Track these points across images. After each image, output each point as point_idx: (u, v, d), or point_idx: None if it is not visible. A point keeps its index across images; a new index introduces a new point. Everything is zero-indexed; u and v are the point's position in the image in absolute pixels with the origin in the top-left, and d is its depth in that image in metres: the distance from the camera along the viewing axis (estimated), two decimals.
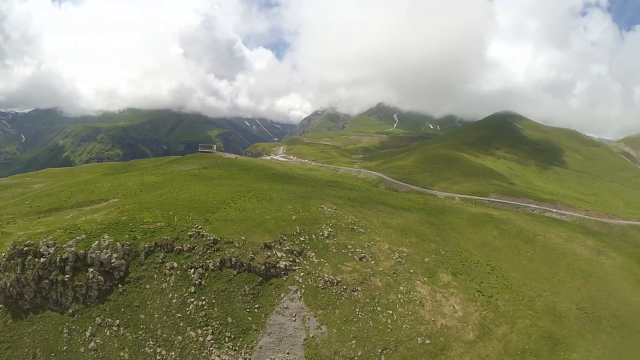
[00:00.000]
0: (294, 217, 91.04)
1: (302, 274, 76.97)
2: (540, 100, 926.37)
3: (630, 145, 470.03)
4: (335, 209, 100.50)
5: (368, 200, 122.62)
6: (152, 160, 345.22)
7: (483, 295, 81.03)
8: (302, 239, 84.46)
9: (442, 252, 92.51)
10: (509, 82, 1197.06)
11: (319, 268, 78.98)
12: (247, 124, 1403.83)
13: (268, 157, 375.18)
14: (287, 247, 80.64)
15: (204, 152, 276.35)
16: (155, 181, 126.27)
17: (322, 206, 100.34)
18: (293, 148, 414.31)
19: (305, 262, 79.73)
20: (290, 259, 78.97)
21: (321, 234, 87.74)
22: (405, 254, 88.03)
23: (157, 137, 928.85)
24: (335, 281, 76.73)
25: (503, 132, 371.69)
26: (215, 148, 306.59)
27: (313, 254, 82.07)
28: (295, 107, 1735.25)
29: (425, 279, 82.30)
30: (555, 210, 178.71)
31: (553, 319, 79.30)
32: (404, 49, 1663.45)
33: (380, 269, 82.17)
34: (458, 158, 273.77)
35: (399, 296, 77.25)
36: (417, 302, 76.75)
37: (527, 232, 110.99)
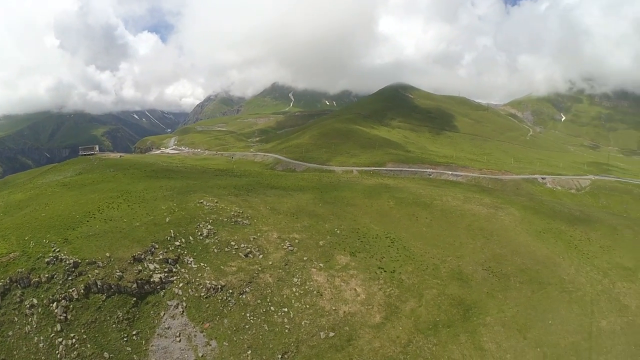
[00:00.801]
0: (168, 219, 78.83)
1: (181, 284, 66.23)
2: (430, 71, 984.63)
3: (516, 107, 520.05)
4: (217, 202, 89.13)
5: (257, 186, 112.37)
6: (30, 172, 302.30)
7: (385, 271, 75.05)
8: (177, 243, 73.11)
9: (338, 232, 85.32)
10: (400, 56, 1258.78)
11: (200, 274, 68.13)
12: (136, 117, 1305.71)
13: (158, 152, 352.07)
14: (161, 256, 69.37)
15: (85, 155, 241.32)
16: (21, 199, 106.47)
17: (202, 200, 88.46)
18: (185, 138, 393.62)
19: (183, 270, 68.67)
20: (166, 270, 67.60)
21: (200, 233, 76.51)
22: (297, 241, 79.37)
23: (37, 144, 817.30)
24: (219, 286, 66.35)
25: (397, 103, 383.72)
26: (97, 149, 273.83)
27: (191, 258, 71.05)
28: (186, 94, 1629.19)
29: (321, 264, 74.26)
30: (450, 172, 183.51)
31: (461, 284, 75.82)
32: (294, 25, 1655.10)
33: (270, 263, 72.75)
34: (354, 131, 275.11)
35: (294, 290, 68.55)
36: (315, 292, 68.62)
37: (424, 198, 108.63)
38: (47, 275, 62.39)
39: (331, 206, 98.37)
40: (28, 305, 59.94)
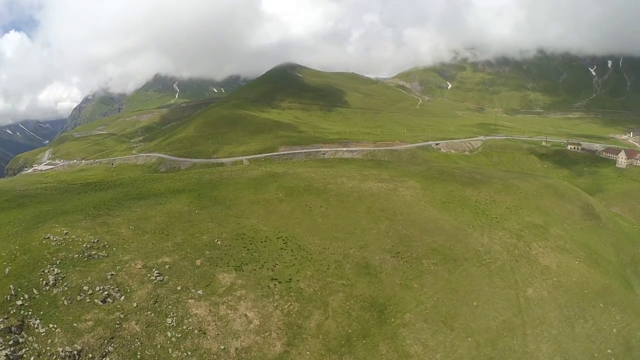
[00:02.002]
0: (7, 270, 56.96)
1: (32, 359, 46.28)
2: (319, 49, 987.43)
3: (404, 79, 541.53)
4: (67, 233, 68.14)
5: (123, 200, 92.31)
6: None
7: (280, 282, 61.92)
8: (19, 302, 52.33)
9: (219, 243, 70.09)
10: (287, 35, 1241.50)
11: (50, 340, 48.74)
12: (9, 132, 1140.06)
13: (30, 170, 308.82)
14: (2, 326, 48.46)
15: None
16: None
17: (48, 235, 66.68)
18: (60, 149, 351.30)
19: (31, 338, 48.72)
20: (11, 343, 47.16)
21: (45, 282, 56.19)
22: (167, 266, 62.65)
23: None
24: (75, 352, 48.02)
25: (286, 83, 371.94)
26: None
27: (38, 320, 50.98)
28: (62, 97, 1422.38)
29: (199, 292, 58.72)
30: (345, 149, 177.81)
31: (370, 280, 65.59)
32: (172, 7, 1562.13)
33: (135, 305, 55.35)
34: (242, 117, 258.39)
35: (169, 334, 52.38)
36: (196, 331, 53.29)
37: (318, 183, 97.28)
38: None
39: (210, 210, 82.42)
40: None
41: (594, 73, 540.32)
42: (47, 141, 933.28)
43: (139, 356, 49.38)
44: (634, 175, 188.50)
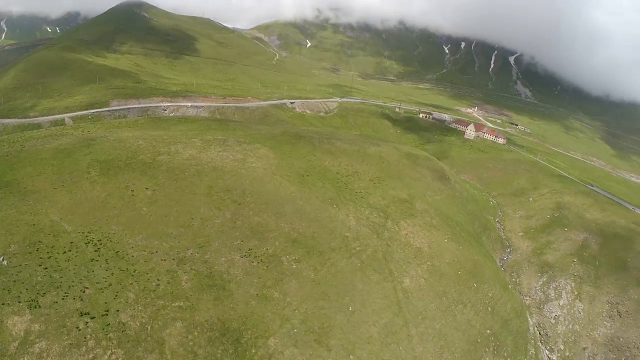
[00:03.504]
0: None
1: None
2: None
3: (263, 32, 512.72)
4: None
5: None
6: None
7: (93, 317, 41.91)
8: None
9: (5, 263, 46.08)
10: None
11: None
12: None
13: None
14: None
15: None
16: None
17: None
18: None
19: None
20: None
21: None
22: None
23: None
24: None
25: (130, 24, 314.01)
26: None
27: None
28: None
29: None
30: (190, 104, 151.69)
31: (216, 296, 49.07)
32: None
33: None
34: (72, 62, 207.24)
35: None
36: None
37: (145, 154, 73.66)
38: None
39: None
40: None
41: (447, 51, 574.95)
42: None
43: None
44: (481, 146, 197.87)
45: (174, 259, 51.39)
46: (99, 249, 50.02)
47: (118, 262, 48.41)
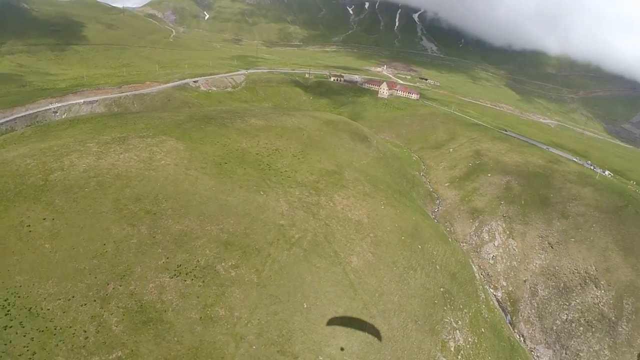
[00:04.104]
0: None
1: None
2: None
3: (156, 8, 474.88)
4: None
5: None
6: None
7: None
8: None
9: None
10: None
11: None
12: None
13: None
14: None
15: None
16: None
17: None
18: None
19: None
20: None
21: None
22: None
23: None
24: None
25: (7, 18, 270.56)
26: None
27: None
28: None
29: None
30: (83, 101, 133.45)
31: (156, 333, 42.10)
32: None
33: None
34: None
35: None
36: None
37: (34, 176, 58.79)
38: None
39: None
40: None
41: (351, 12, 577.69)
42: None
43: None
44: (395, 104, 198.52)
45: (95, 301, 42.91)
46: (9, 311, 40.17)
47: (34, 322, 39.38)
